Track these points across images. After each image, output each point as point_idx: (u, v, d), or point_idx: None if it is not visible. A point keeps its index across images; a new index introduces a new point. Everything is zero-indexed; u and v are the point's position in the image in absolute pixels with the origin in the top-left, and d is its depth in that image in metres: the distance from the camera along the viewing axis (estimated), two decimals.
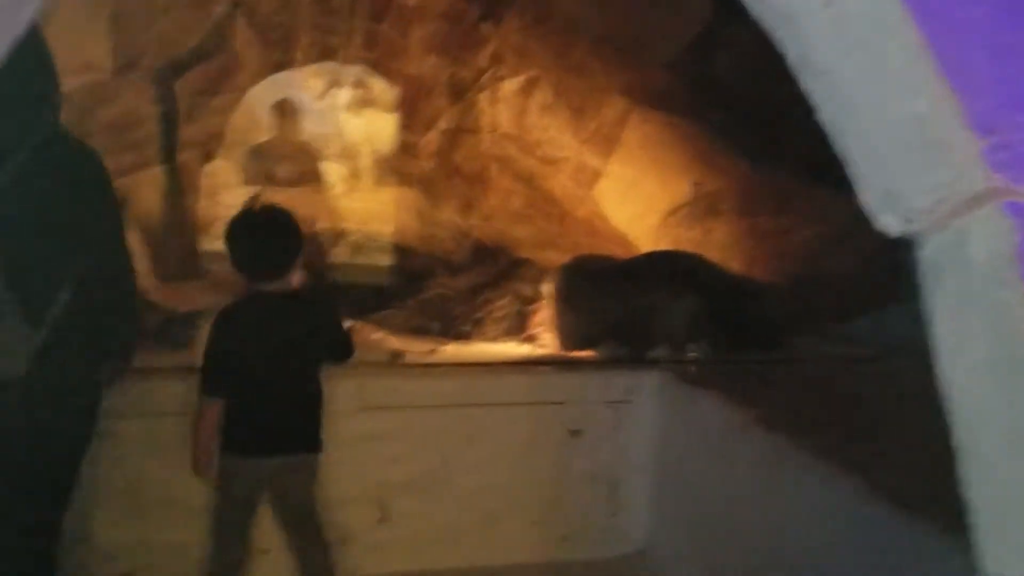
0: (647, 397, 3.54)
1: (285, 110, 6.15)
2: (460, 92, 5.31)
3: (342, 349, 2.85)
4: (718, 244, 4.58)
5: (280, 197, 5.63)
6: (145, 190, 5.24)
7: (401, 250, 5.59)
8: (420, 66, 5.19)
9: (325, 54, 5.23)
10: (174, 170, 5.26)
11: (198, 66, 5.01)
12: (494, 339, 4.09)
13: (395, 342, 3.75)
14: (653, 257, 4.21)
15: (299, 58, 5.20)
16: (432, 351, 3.79)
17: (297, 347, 2.72)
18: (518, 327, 4.15)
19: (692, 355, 3.72)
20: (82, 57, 4.64)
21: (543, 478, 3.49)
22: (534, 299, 4.29)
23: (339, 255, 5.76)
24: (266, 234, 2.69)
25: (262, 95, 5.69)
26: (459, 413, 3.42)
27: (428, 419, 3.39)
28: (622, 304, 3.84)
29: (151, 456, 3.08)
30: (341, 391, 3.31)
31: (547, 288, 4.14)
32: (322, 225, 5.66)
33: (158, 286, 4.93)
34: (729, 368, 3.63)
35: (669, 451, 3.48)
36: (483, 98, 5.29)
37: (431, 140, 5.37)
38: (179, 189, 5.31)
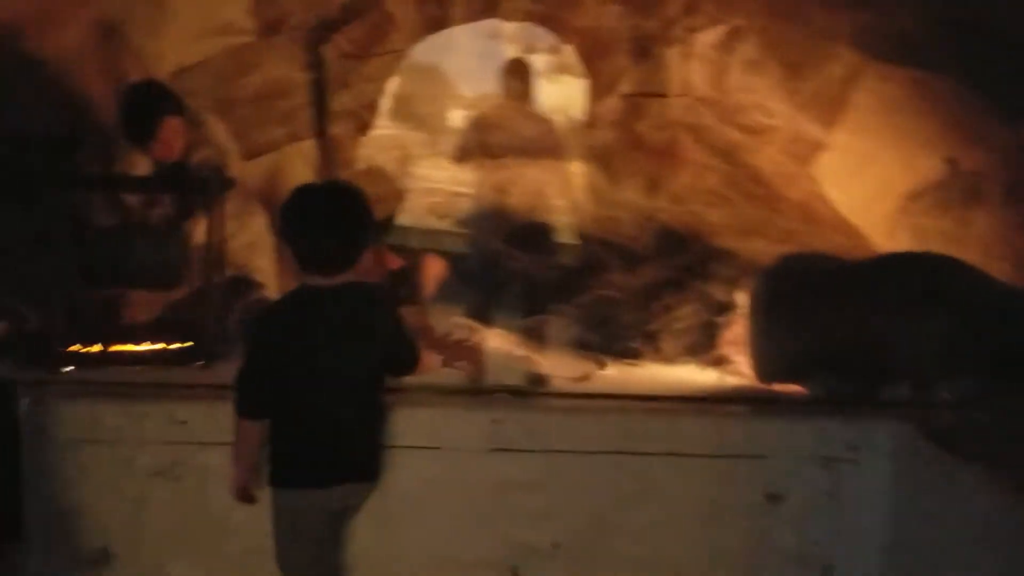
0: (877, 455, 2.62)
1: (517, 72, 5.42)
2: (645, 48, 4.44)
3: (406, 358, 2.40)
4: (978, 240, 3.49)
5: (507, 173, 4.98)
6: (296, 165, 4.77)
7: (572, 233, 4.83)
8: (597, 18, 4.36)
9: (487, 8, 4.51)
10: (326, 143, 4.76)
11: (347, 27, 4.44)
12: (671, 360, 3.25)
13: (539, 360, 3.00)
14: (889, 259, 3.20)
15: (457, 14, 4.52)
16: (587, 376, 3.02)
17: (358, 356, 2.27)
18: (704, 344, 3.29)
19: (944, 398, 2.73)
20: (219, 17, 4.19)
21: (729, 555, 2.66)
22: (727, 307, 3.41)
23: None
24: (332, 218, 2.19)
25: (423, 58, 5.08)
26: (620, 463, 2.64)
27: (579, 468, 2.64)
28: (845, 322, 2.90)
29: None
30: (466, 425, 2.64)
31: (743, 296, 3.24)
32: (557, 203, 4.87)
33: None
34: (1000, 419, 2.61)
35: (906, 533, 2.54)
36: (673, 55, 4.39)
37: (610, 106, 4.54)
38: (332, 163, 4.80)
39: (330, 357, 2.23)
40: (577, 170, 4.96)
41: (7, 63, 3.50)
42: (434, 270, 3.75)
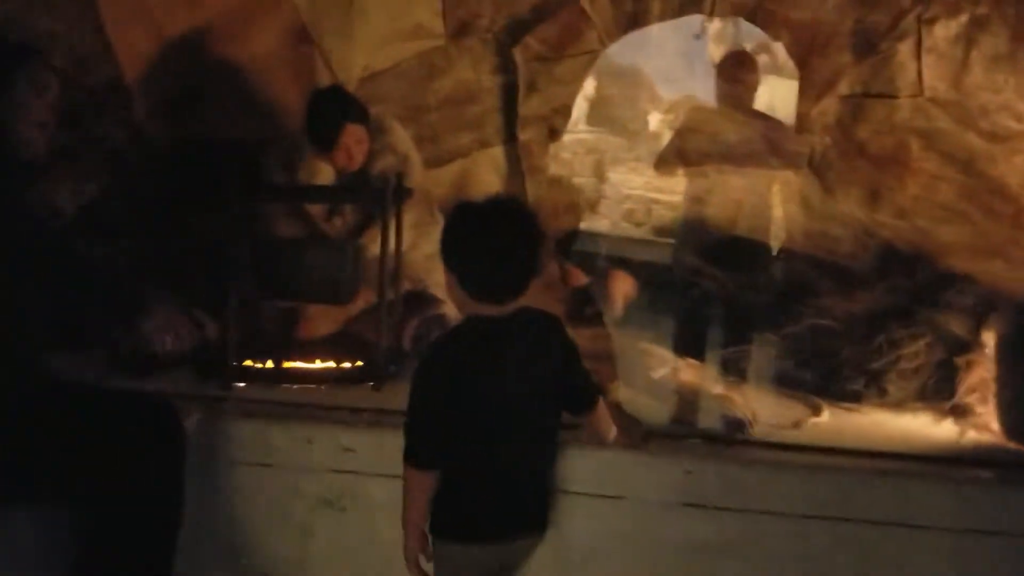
0: None
1: (742, 64, 4.69)
2: (870, 43, 3.92)
3: (582, 396, 2.13)
4: None
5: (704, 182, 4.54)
6: (483, 173, 4.59)
7: (779, 250, 4.36)
8: (815, 10, 3.89)
9: (689, 2, 4.14)
10: (515, 150, 4.55)
11: (539, 27, 4.21)
12: (899, 406, 2.78)
13: (740, 401, 2.63)
14: None
15: (656, 10, 4.17)
16: (798, 423, 2.61)
17: (535, 394, 2.02)
18: (940, 390, 2.79)
19: None
20: (409, 20, 4.07)
21: None
22: (967, 345, 2.88)
23: None
24: (503, 242, 1.94)
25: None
26: (835, 531, 2.24)
27: (785, 533, 2.26)
28: None
29: None
30: (655, 473, 2.32)
31: (989, 334, 2.72)
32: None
33: None
34: None
35: None
36: (903, 50, 3.85)
37: (827, 108, 4.05)
38: (520, 171, 4.58)
39: (505, 396, 1.98)
40: (788, 179, 4.48)
41: (200, 67, 3.51)
42: (622, 288, 3.45)
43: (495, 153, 4.56)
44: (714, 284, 3.55)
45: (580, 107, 13.92)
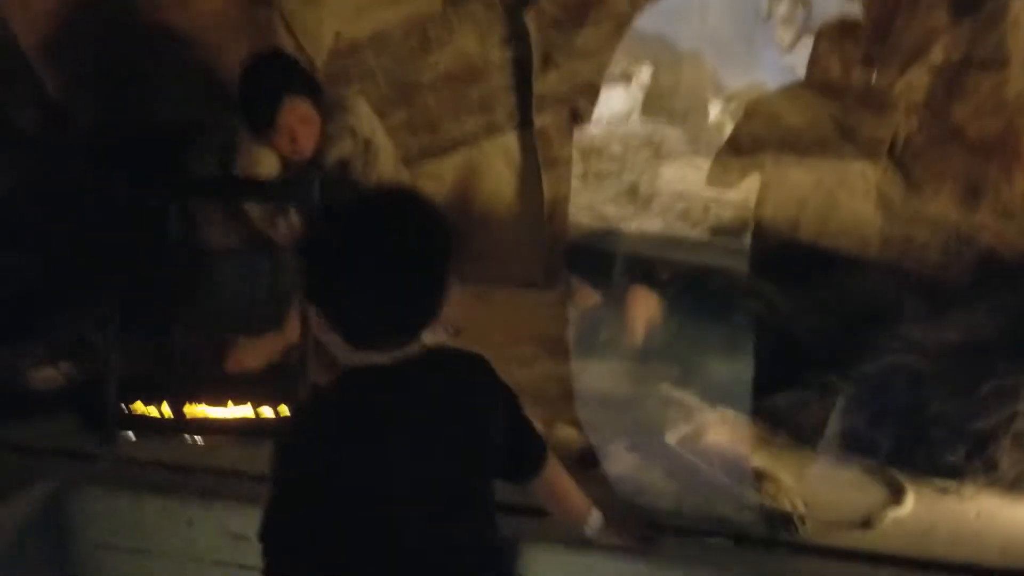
0: None
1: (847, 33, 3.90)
2: (974, 1, 3.09)
3: (525, 454, 1.55)
4: None
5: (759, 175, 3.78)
6: (495, 164, 3.89)
7: (850, 261, 3.55)
8: None
9: None
10: (530, 137, 3.82)
11: None
12: (1017, 486, 1.97)
13: (788, 481, 1.86)
14: None
15: None
16: (871, 517, 1.83)
17: (448, 461, 1.40)
18: None
19: None
20: None
21: None
22: None
23: None
24: (388, 260, 1.30)
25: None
26: None
27: None
28: None
29: None
30: None
31: None
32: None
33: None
34: None
35: None
36: (1018, 5, 3.00)
37: (915, 82, 3.21)
38: (537, 164, 3.86)
39: (400, 472, 1.35)
40: (863, 172, 3.65)
41: (130, 32, 2.87)
42: (644, 310, 2.70)
43: (507, 141, 3.85)
44: (761, 305, 2.77)
45: (634, 96, 13.14)
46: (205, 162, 2.63)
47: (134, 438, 2.12)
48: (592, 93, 3.85)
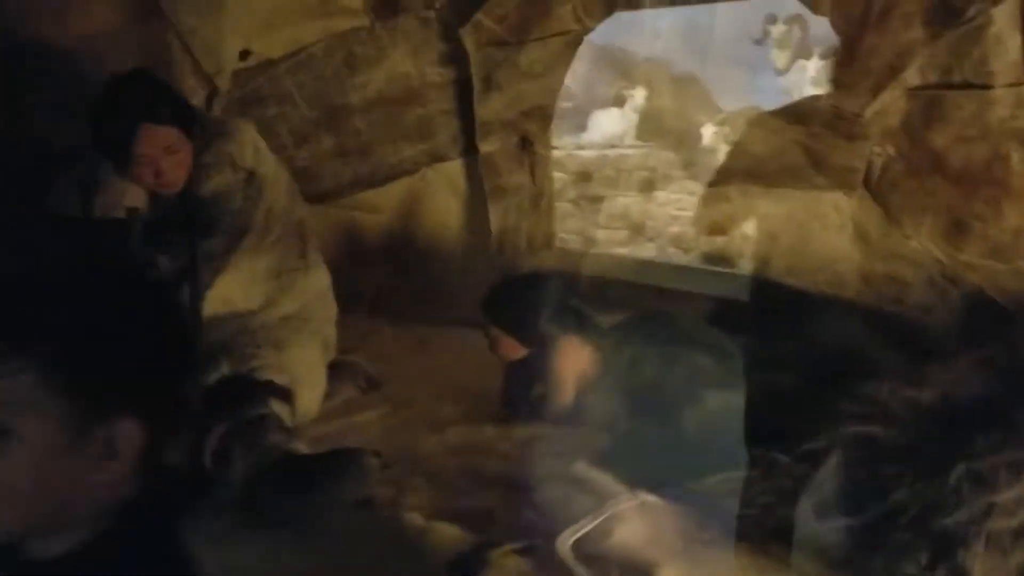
0: None
1: None
2: (951, 9, 2.73)
3: None
4: None
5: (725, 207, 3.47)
6: (436, 195, 3.55)
7: (824, 301, 3.17)
8: None
9: None
10: (478, 164, 3.49)
11: (491, 0, 3.15)
12: None
13: None
14: None
15: None
16: None
17: None
18: None
19: None
20: None
21: None
22: None
23: None
24: None
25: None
26: None
27: None
28: None
29: None
30: None
31: None
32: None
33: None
34: None
35: None
36: (1000, 18, 2.64)
37: (888, 107, 2.86)
38: (484, 193, 3.52)
39: None
40: (836, 203, 3.29)
41: (11, 48, 2.55)
42: (573, 364, 2.35)
43: (451, 169, 3.51)
44: (711, 358, 2.41)
45: (628, 119, 12.85)
46: (66, 197, 2.29)
47: None
48: (542, 117, 3.51)
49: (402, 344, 3.17)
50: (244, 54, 2.93)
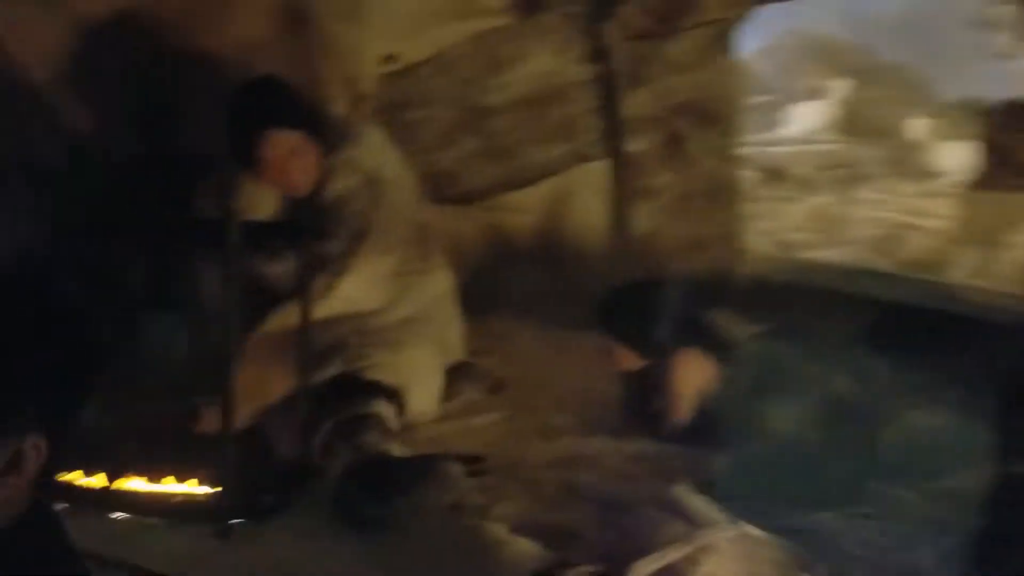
0: None
1: None
2: None
3: None
4: None
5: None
6: (581, 196, 3.49)
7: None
8: None
9: None
10: (624, 165, 3.40)
11: None
12: None
13: None
14: None
15: None
16: None
17: None
18: None
19: None
20: None
21: None
22: None
23: None
24: None
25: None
26: None
27: None
28: None
29: None
30: None
31: None
32: None
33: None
34: None
35: None
36: None
37: None
38: (630, 193, 3.42)
39: None
40: None
41: (161, 62, 2.73)
42: (691, 377, 2.22)
43: (596, 169, 3.44)
44: (848, 379, 2.21)
45: (829, 112, 12.10)
46: (206, 201, 2.42)
47: (66, 509, 1.92)
48: (696, 113, 3.36)
49: (539, 348, 3.13)
50: (387, 59, 2.98)
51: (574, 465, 2.11)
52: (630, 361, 2.30)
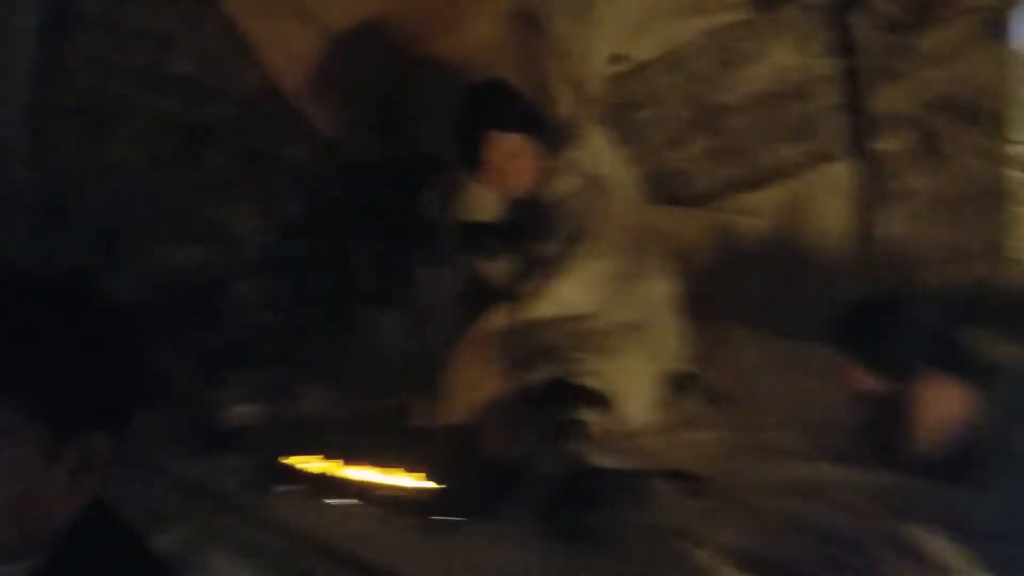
0: None
1: None
2: None
3: None
4: None
5: None
6: (820, 199, 3.25)
7: None
8: None
9: None
10: (869, 167, 3.13)
11: None
12: None
13: None
14: None
15: None
16: None
17: None
18: None
19: None
20: None
21: None
22: None
23: None
24: None
25: None
26: None
27: None
28: None
29: None
30: None
31: None
32: None
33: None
34: None
35: None
36: None
37: None
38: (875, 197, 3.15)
39: None
40: None
41: (397, 68, 2.85)
42: (935, 407, 1.99)
43: (839, 170, 3.19)
44: None
45: None
46: (431, 202, 2.48)
47: (288, 491, 2.02)
48: (954, 109, 3.02)
49: (766, 361, 2.94)
50: (616, 58, 2.92)
51: (798, 492, 1.94)
52: (868, 382, 2.09)
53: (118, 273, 2.63)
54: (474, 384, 2.12)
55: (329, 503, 1.97)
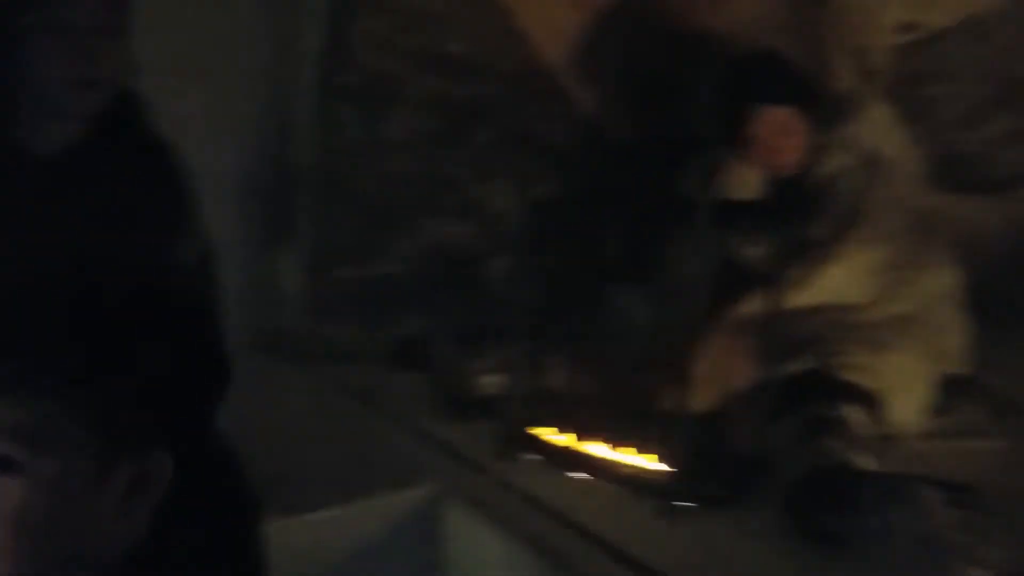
0: None
1: None
2: None
3: None
4: None
5: None
6: None
7: None
8: None
9: None
10: None
11: None
12: None
13: None
14: None
15: None
16: None
17: None
18: None
19: None
20: None
21: None
22: None
23: None
24: None
25: None
26: None
27: None
28: None
29: None
30: None
31: None
32: None
33: None
34: None
35: None
36: None
37: None
38: None
39: None
40: None
41: (660, 44, 2.77)
42: None
43: None
44: None
45: None
46: (690, 180, 2.41)
47: (530, 460, 2.05)
48: None
49: None
50: (905, 27, 2.67)
51: None
52: None
53: (387, 248, 2.80)
54: (724, 371, 2.03)
55: (569, 476, 1.97)
